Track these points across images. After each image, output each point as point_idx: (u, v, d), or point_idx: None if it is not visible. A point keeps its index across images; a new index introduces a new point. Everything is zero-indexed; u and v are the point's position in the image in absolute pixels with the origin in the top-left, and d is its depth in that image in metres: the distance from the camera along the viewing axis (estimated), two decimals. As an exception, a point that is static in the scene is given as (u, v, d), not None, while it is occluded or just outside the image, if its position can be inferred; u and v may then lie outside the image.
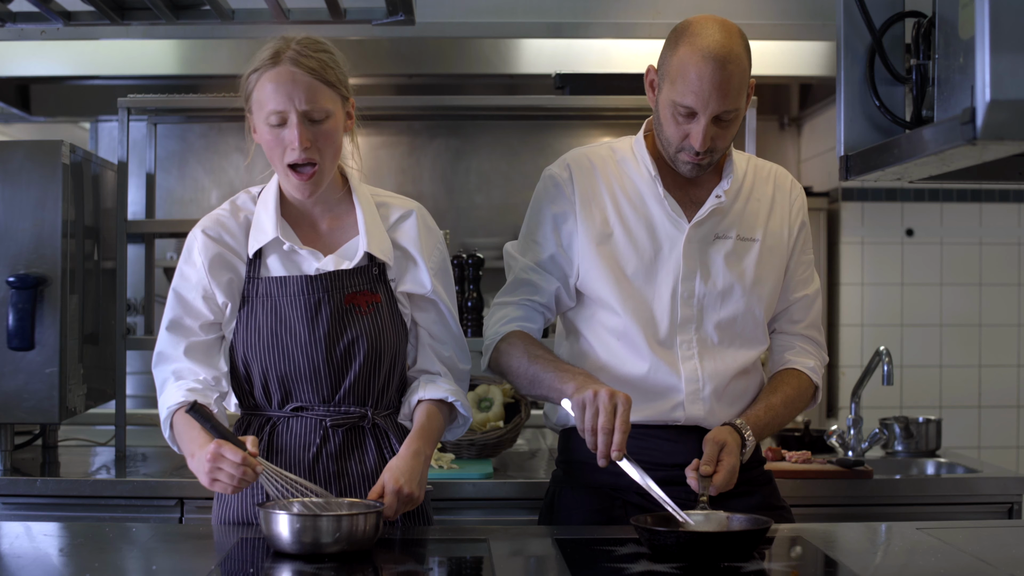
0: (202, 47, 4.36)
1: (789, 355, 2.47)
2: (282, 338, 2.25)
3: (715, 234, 2.38)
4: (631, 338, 2.35)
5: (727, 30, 2.25)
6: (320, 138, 2.22)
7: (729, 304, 2.37)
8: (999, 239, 4.88)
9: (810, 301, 2.48)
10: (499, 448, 3.37)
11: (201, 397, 2.19)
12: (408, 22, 3.09)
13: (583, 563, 1.95)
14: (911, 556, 2.10)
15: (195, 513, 3.06)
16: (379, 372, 2.29)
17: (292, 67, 2.20)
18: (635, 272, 2.36)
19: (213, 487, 2.07)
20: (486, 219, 4.83)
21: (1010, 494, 3.21)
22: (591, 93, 3.65)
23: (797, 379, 2.44)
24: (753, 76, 2.31)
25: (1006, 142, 1.74)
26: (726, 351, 2.37)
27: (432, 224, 2.40)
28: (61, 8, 3.03)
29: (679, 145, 2.30)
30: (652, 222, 2.38)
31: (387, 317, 2.30)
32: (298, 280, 2.25)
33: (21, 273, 3.21)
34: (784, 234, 2.43)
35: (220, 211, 2.35)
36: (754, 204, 2.42)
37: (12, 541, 2.13)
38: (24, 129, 4.95)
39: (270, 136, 2.22)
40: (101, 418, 3.89)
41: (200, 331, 2.27)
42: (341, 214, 2.34)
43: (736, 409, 2.37)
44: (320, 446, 2.26)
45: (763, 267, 2.39)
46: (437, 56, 4.35)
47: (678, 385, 2.34)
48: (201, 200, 4.82)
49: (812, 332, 2.49)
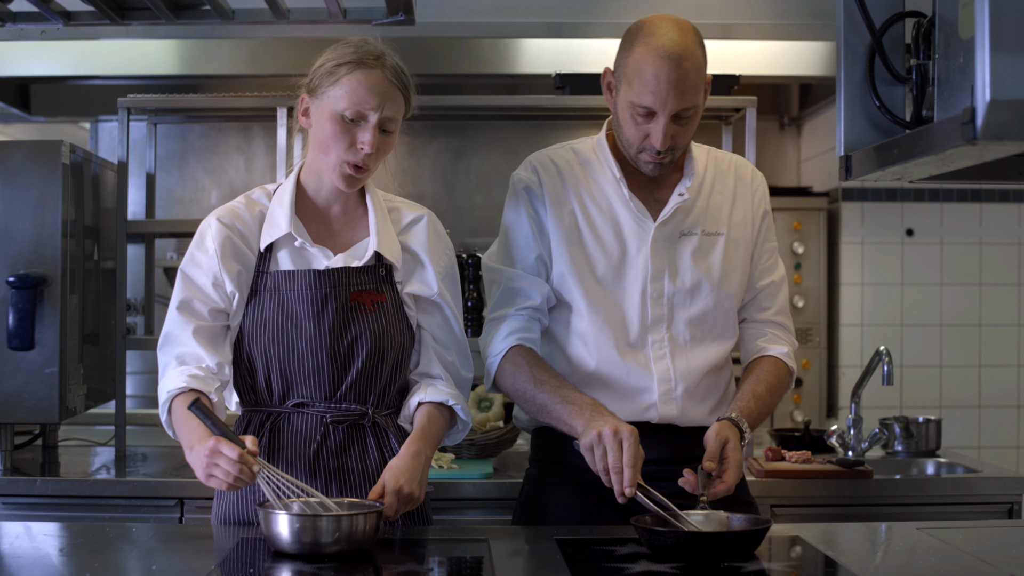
0: (202, 47, 4.36)
1: (761, 342, 2.47)
2: (287, 331, 2.25)
3: (680, 231, 2.39)
4: (602, 341, 2.36)
5: (681, 28, 2.26)
6: (382, 146, 2.28)
7: (698, 301, 2.38)
8: (999, 239, 4.88)
9: (776, 287, 2.48)
10: (499, 448, 3.37)
11: (202, 384, 2.19)
12: (408, 22, 3.09)
13: (583, 563, 1.95)
14: (911, 556, 2.10)
15: (195, 513, 3.06)
16: (382, 371, 2.29)
17: (391, 76, 2.26)
18: (604, 274, 2.38)
19: (209, 483, 2.07)
20: (486, 219, 4.82)
21: (1010, 494, 3.21)
22: (591, 93, 3.64)
23: (776, 366, 2.44)
24: (753, 76, 2.32)
25: (1006, 142, 1.74)
26: (697, 348, 2.38)
27: (442, 231, 2.42)
28: (61, 8, 3.03)
29: (640, 145, 2.32)
30: (619, 224, 2.39)
31: (391, 317, 2.30)
32: (306, 275, 2.27)
33: (21, 273, 3.21)
34: (748, 225, 2.44)
35: (235, 203, 2.37)
36: (717, 198, 2.43)
37: (12, 541, 2.13)
38: (24, 129, 4.95)
39: (338, 127, 2.25)
40: (101, 418, 3.89)
41: (208, 316, 2.27)
42: (354, 215, 2.36)
43: (709, 405, 2.38)
44: (321, 443, 2.27)
45: (729, 261, 2.41)
46: (437, 56, 4.36)
47: (651, 385, 2.35)
48: (201, 200, 4.82)
49: (781, 318, 2.49)
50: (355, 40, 2.29)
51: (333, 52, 2.29)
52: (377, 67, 2.25)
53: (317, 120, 2.28)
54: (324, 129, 2.26)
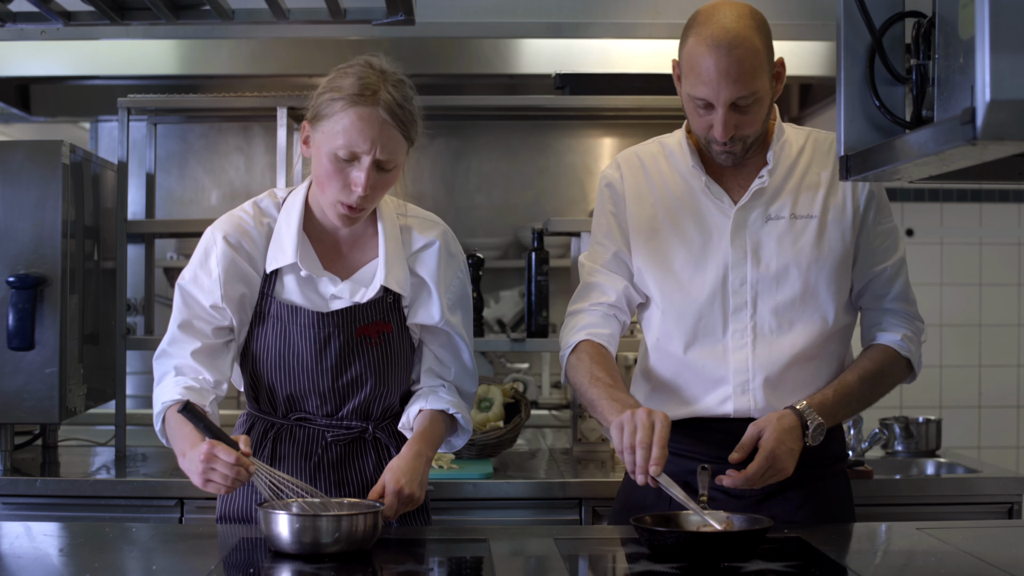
0: (202, 47, 4.35)
1: (875, 331, 2.40)
2: (289, 361, 2.25)
3: (767, 216, 2.34)
4: (675, 335, 2.34)
5: (736, 13, 2.21)
6: (380, 184, 2.19)
7: (785, 287, 2.32)
8: (999, 239, 4.87)
9: (894, 272, 2.39)
10: (499, 448, 3.37)
11: (196, 396, 2.17)
12: (408, 22, 3.09)
13: (583, 563, 1.95)
14: (911, 556, 2.10)
15: (195, 513, 3.06)
16: (385, 396, 2.31)
17: (386, 114, 2.15)
18: (683, 265, 2.34)
19: (206, 487, 2.06)
20: (486, 219, 4.82)
21: (1010, 494, 3.21)
22: (591, 93, 3.65)
23: (881, 353, 2.36)
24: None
25: (1006, 142, 1.73)
26: (784, 337, 2.31)
27: (455, 249, 2.37)
28: (61, 8, 3.03)
29: (706, 136, 2.29)
30: (700, 212, 2.36)
31: (397, 345, 2.30)
32: (310, 314, 2.23)
33: (21, 273, 3.20)
34: (848, 207, 2.36)
35: (243, 214, 2.29)
36: (811, 179, 2.37)
37: (12, 541, 2.13)
38: (24, 129, 4.95)
39: (332, 167, 2.17)
40: (101, 418, 3.89)
41: (212, 335, 2.25)
42: (363, 236, 2.31)
43: (801, 397, 2.30)
44: (321, 456, 2.28)
45: (824, 245, 2.33)
46: (437, 56, 4.35)
47: (726, 377, 2.31)
48: (201, 200, 4.81)
49: (898, 305, 2.40)
50: (356, 68, 2.19)
51: (332, 81, 2.19)
52: (373, 104, 2.15)
53: (315, 153, 2.21)
54: (321, 164, 2.19)
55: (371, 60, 2.21)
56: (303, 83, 4.38)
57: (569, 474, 3.25)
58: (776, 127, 2.38)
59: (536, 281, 3.58)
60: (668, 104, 3.55)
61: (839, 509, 2.39)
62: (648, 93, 3.63)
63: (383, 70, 2.19)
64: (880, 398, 2.40)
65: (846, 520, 2.40)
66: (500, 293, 4.63)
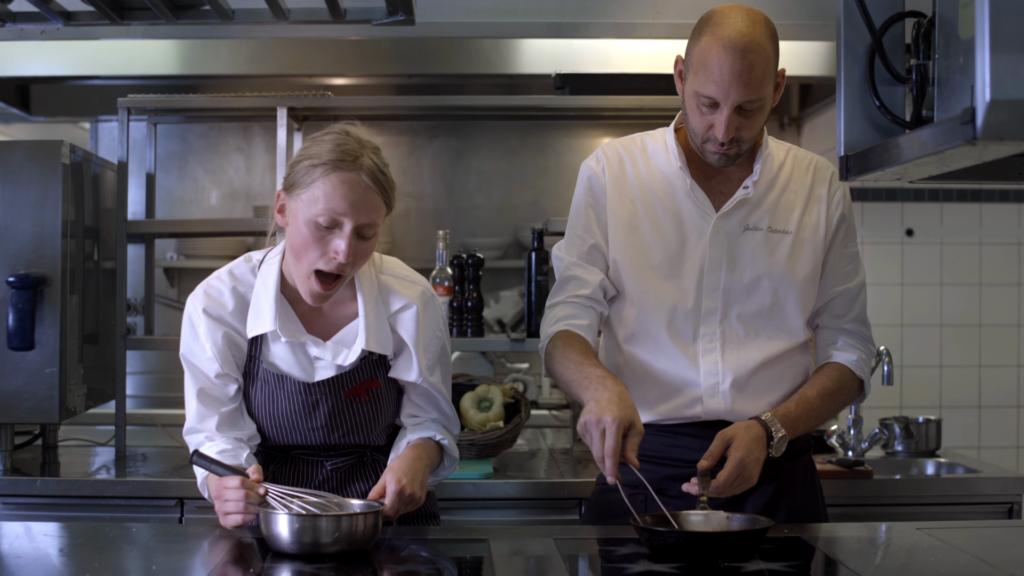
0: (202, 47, 4.35)
1: (831, 350, 2.43)
2: (279, 420, 2.28)
3: (745, 225, 2.36)
4: (649, 333, 2.35)
5: (751, 19, 2.23)
6: (360, 252, 2.17)
7: (756, 296, 2.34)
8: (999, 239, 4.87)
9: (853, 295, 2.43)
10: (499, 448, 3.37)
11: (231, 457, 2.21)
12: (408, 22, 3.09)
13: (583, 563, 1.95)
14: (911, 556, 2.10)
15: (195, 513, 3.06)
16: (376, 437, 2.34)
17: (368, 179, 2.14)
18: (660, 263, 2.35)
19: (226, 522, 2.10)
20: (486, 219, 4.83)
21: (1010, 494, 3.21)
22: (591, 93, 3.65)
23: (838, 372, 2.40)
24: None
25: (1006, 142, 1.73)
26: (751, 343, 2.34)
27: (435, 308, 2.34)
28: (61, 8, 3.03)
29: (705, 136, 2.29)
30: (680, 213, 2.37)
31: (386, 395, 2.32)
32: (295, 383, 2.25)
33: (21, 273, 3.21)
34: (821, 227, 2.39)
35: (220, 285, 2.28)
36: (790, 196, 2.40)
37: (12, 541, 2.13)
38: (24, 129, 4.95)
39: (311, 234, 2.14)
40: (101, 418, 3.89)
41: (228, 400, 2.27)
42: (343, 297, 2.28)
43: (764, 403, 2.33)
44: (322, 482, 2.32)
45: (796, 260, 2.36)
46: (437, 56, 4.35)
47: (696, 379, 2.33)
48: (201, 200, 4.82)
49: (856, 326, 2.45)
50: (332, 136, 2.17)
51: (309, 149, 2.17)
52: (354, 169, 2.13)
53: (292, 222, 2.18)
54: (298, 233, 2.16)
55: (347, 128, 2.20)
56: (303, 83, 4.38)
57: (569, 474, 3.25)
58: (763, 139, 2.41)
59: (536, 281, 3.58)
60: (668, 104, 3.55)
61: (810, 499, 2.43)
62: (648, 93, 3.63)
63: (359, 138, 2.18)
64: (834, 416, 2.44)
65: (819, 508, 2.44)
66: (500, 293, 4.64)
